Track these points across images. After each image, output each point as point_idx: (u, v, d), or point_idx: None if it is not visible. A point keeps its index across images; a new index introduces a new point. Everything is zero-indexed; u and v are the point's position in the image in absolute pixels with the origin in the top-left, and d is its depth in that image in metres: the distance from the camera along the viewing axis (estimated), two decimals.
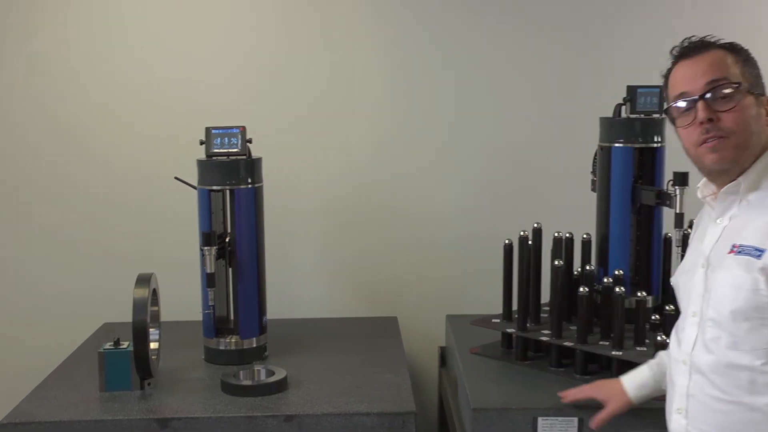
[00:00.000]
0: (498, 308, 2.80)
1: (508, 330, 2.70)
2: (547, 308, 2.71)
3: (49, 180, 3.27)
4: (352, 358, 2.76)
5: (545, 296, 2.71)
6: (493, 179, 3.35)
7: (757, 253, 1.70)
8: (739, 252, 1.73)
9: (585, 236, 2.77)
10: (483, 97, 3.31)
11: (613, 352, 2.44)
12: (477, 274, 3.30)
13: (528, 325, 2.66)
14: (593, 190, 2.80)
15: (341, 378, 2.57)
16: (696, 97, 1.76)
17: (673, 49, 1.83)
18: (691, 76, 1.78)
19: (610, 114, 2.71)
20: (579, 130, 3.10)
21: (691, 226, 2.69)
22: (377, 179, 3.33)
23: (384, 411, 2.30)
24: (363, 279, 3.38)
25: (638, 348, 2.47)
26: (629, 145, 2.66)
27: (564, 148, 3.29)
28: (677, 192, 2.50)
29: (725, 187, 1.81)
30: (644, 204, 2.66)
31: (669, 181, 2.55)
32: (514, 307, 2.73)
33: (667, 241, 2.74)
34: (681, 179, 2.50)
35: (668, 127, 2.66)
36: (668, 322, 2.51)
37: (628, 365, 2.44)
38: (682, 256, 2.65)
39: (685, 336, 1.85)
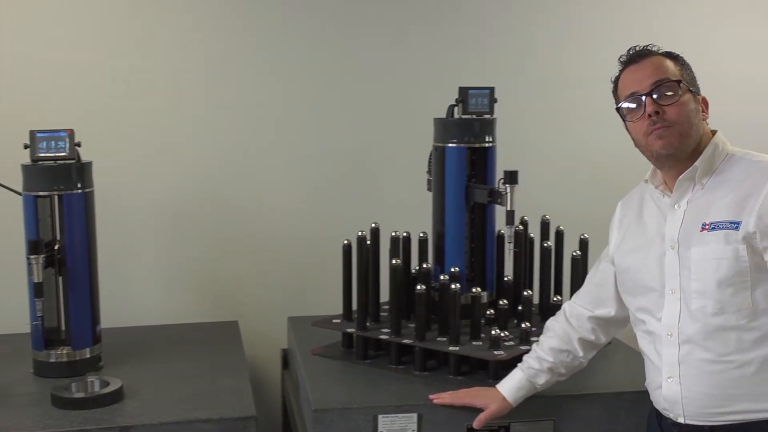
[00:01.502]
0: (339, 308, 2.82)
1: (348, 330, 2.72)
2: (386, 307, 2.75)
3: None
4: (191, 365, 2.70)
5: (384, 295, 2.74)
6: (330, 180, 3.35)
7: (734, 225, 1.93)
8: (713, 228, 1.96)
9: (422, 235, 2.83)
10: (318, 97, 3.31)
11: (450, 348, 2.50)
12: (317, 275, 3.31)
13: (368, 324, 2.69)
14: (429, 189, 2.85)
15: (179, 386, 2.51)
16: (644, 94, 1.99)
17: (620, 57, 2.08)
18: (638, 78, 2.02)
19: (443, 115, 2.77)
20: (413, 130, 3.14)
21: (522, 223, 2.80)
22: (212, 181, 3.27)
23: (224, 417, 2.27)
24: (201, 283, 3.31)
25: (474, 342, 2.53)
26: (462, 145, 2.73)
27: (400, 148, 3.33)
28: (508, 190, 2.58)
29: (683, 173, 2.02)
30: (477, 202, 2.73)
31: (500, 179, 2.63)
32: (355, 306, 2.75)
33: (500, 237, 2.82)
34: (511, 177, 2.58)
35: (499, 128, 2.77)
36: (502, 316, 2.61)
37: (465, 360, 2.51)
38: (515, 252, 2.77)
39: (665, 312, 2.03)
